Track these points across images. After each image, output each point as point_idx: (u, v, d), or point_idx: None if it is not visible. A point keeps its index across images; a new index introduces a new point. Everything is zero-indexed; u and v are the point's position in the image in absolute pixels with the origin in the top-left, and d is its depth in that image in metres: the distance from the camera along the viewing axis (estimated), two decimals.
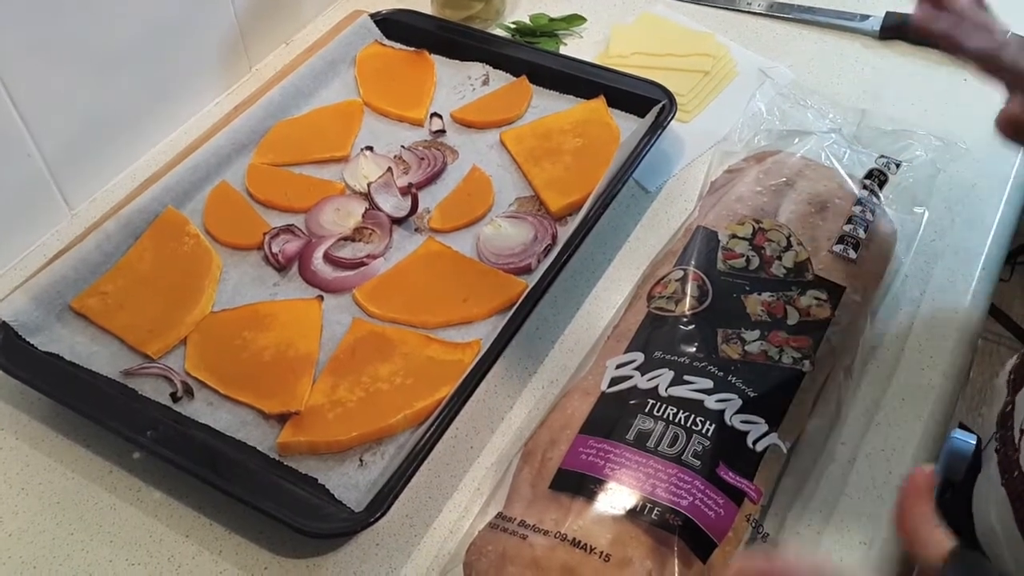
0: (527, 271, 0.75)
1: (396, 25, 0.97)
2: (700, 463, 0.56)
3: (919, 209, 0.76)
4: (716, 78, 0.93)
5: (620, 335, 0.66)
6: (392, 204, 0.80)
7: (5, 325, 0.69)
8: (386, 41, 0.96)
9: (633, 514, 0.54)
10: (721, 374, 0.61)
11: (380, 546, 0.61)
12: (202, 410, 0.67)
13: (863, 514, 0.61)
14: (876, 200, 0.73)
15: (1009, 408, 0.69)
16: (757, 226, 0.70)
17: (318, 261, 0.76)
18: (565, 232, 0.76)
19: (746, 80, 0.93)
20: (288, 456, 0.64)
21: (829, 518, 0.61)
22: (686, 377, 0.60)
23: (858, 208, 0.71)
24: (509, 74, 0.92)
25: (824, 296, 0.66)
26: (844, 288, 0.67)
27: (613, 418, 0.59)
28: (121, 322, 0.72)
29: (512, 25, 1.00)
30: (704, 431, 0.57)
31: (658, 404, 0.59)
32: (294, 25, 1.02)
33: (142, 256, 0.76)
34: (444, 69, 0.94)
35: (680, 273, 0.68)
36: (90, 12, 0.78)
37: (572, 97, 0.89)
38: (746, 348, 0.63)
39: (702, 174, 0.83)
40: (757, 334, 0.64)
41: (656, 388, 0.60)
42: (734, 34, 0.99)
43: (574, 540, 0.53)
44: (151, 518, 0.63)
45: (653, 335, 0.64)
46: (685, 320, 0.64)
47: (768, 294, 0.66)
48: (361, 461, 0.63)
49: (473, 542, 0.57)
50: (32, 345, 0.69)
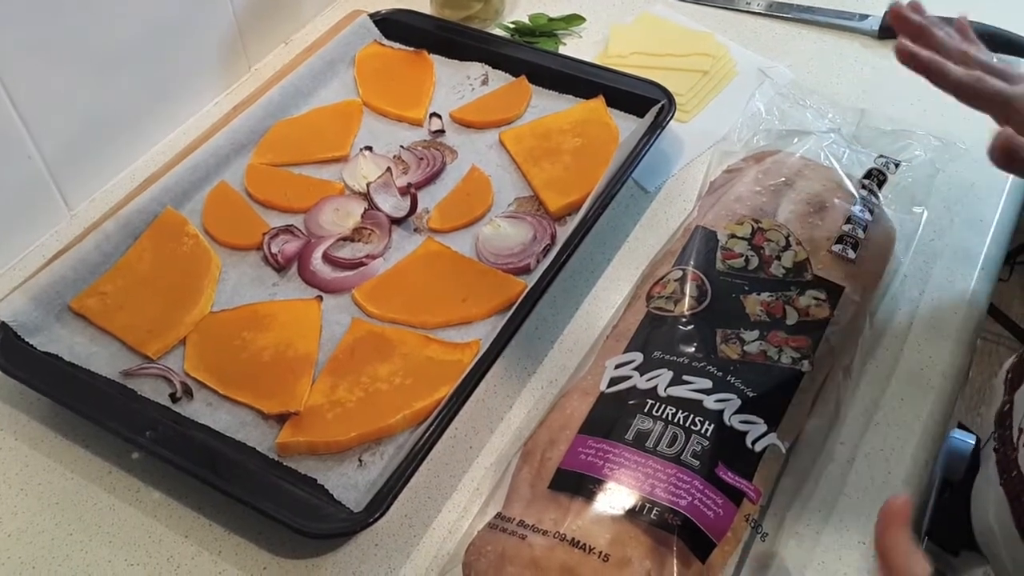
0: (526, 271, 0.75)
1: (395, 25, 0.97)
2: (699, 463, 0.56)
3: (918, 209, 0.76)
4: (715, 78, 0.93)
5: (619, 335, 0.66)
6: (391, 204, 0.80)
7: (4, 325, 0.69)
8: (385, 41, 0.96)
9: (632, 514, 0.54)
10: (720, 374, 0.61)
11: (379, 546, 0.61)
12: (201, 410, 0.67)
13: (862, 514, 0.61)
14: (875, 200, 0.73)
15: (1007, 407, 0.69)
16: (756, 226, 0.70)
17: (317, 261, 0.76)
18: (564, 232, 0.76)
19: (745, 80, 0.93)
20: (287, 456, 0.64)
21: (828, 518, 0.61)
22: (685, 377, 0.60)
23: (857, 208, 0.71)
24: (508, 74, 0.92)
25: (823, 296, 0.66)
26: (843, 288, 0.67)
27: (612, 418, 0.59)
28: (120, 322, 0.72)
29: (511, 25, 1.00)
30: (703, 431, 0.58)
31: (657, 404, 0.59)
32: (293, 25, 1.02)
33: (141, 256, 0.76)
34: (443, 69, 0.94)
35: (679, 273, 0.68)
36: (89, 12, 0.78)
37: (571, 97, 0.89)
38: (745, 348, 0.63)
39: (701, 174, 0.83)
40: (756, 334, 0.64)
41: (655, 388, 0.60)
42: (733, 34, 0.99)
43: (573, 540, 0.53)
44: (150, 518, 0.63)
45: (652, 335, 0.64)
46: (684, 320, 0.64)
47: (767, 294, 0.66)
48: (360, 461, 0.63)
49: (472, 542, 0.57)
50: (31, 345, 0.69)
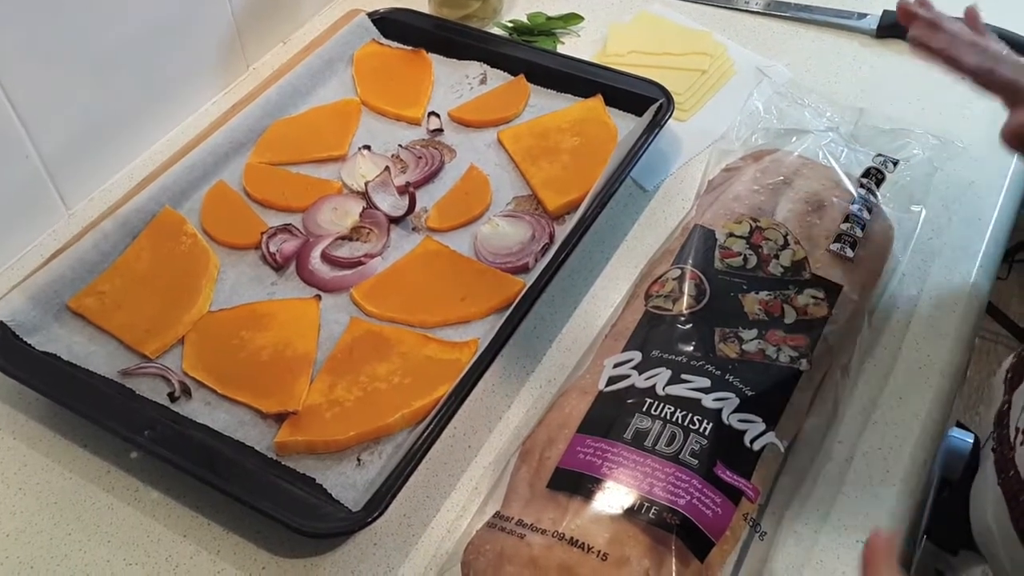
0: (524, 270, 0.75)
1: (393, 24, 0.97)
2: (698, 462, 0.56)
3: (916, 207, 0.76)
4: (713, 77, 0.93)
5: (618, 334, 0.66)
6: (390, 203, 0.80)
7: (2, 325, 0.69)
8: (383, 40, 0.96)
9: (631, 513, 0.54)
10: (719, 373, 0.61)
11: (378, 546, 0.61)
12: (200, 410, 0.67)
13: (860, 513, 0.61)
14: (873, 199, 0.73)
15: (1006, 407, 0.69)
16: (754, 225, 0.70)
17: (316, 260, 0.76)
18: (563, 231, 0.76)
19: (743, 79, 0.93)
20: (286, 456, 0.64)
21: (827, 517, 0.61)
22: (683, 376, 0.60)
23: (855, 207, 0.71)
24: (507, 73, 0.92)
25: (821, 295, 0.66)
26: (841, 287, 0.67)
27: (611, 417, 0.59)
28: (118, 322, 0.72)
29: (509, 24, 1.00)
30: (702, 430, 0.57)
31: (656, 403, 0.59)
32: (291, 24, 1.02)
33: (139, 256, 0.76)
34: (441, 68, 0.94)
35: (678, 272, 0.68)
36: (88, 12, 0.78)
37: (570, 96, 0.89)
38: (743, 347, 0.63)
39: (699, 173, 0.83)
40: (754, 333, 0.64)
41: (654, 387, 0.60)
42: (731, 33, 0.99)
43: (572, 539, 0.53)
44: (149, 518, 0.63)
45: (651, 334, 0.64)
46: (683, 319, 0.64)
47: (765, 293, 0.66)
48: (359, 460, 0.63)
49: (471, 541, 0.57)
50: (29, 345, 0.69)
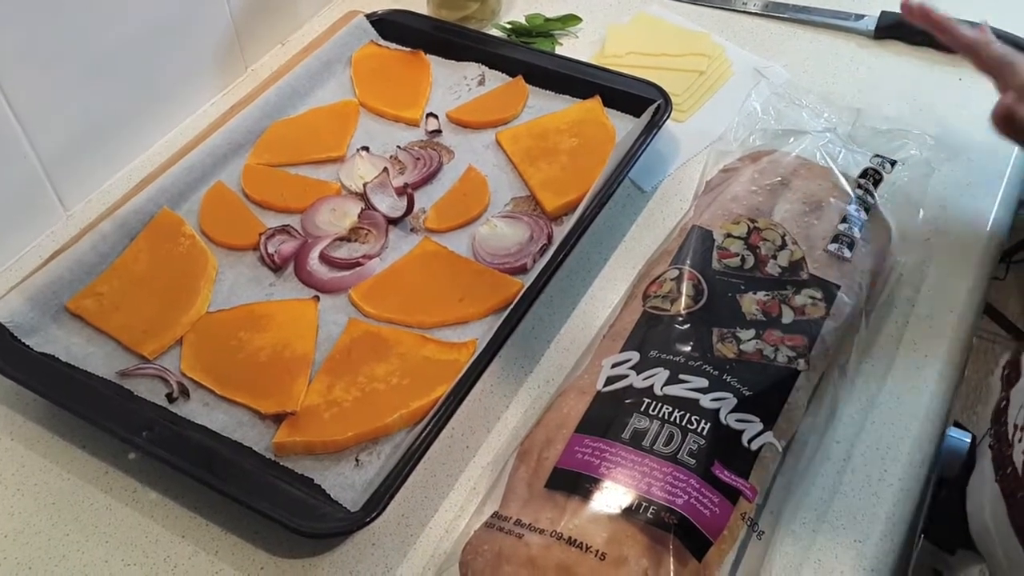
0: (523, 271, 0.75)
1: (392, 25, 0.97)
2: (695, 462, 0.56)
3: (914, 208, 0.76)
4: (711, 78, 0.93)
5: (616, 334, 0.66)
6: (388, 204, 0.80)
7: (1, 326, 0.69)
8: (382, 41, 0.96)
9: (629, 513, 0.54)
10: (716, 373, 0.61)
11: (376, 546, 0.61)
12: (198, 411, 0.67)
13: (858, 512, 0.61)
14: (871, 199, 0.73)
15: (1003, 404, 0.69)
16: (752, 225, 0.70)
17: (314, 261, 0.76)
18: (561, 232, 0.76)
19: (741, 80, 0.93)
20: (284, 456, 0.64)
21: (824, 516, 0.61)
22: (681, 376, 0.61)
23: (853, 207, 0.71)
24: (505, 74, 0.92)
25: (819, 295, 0.66)
26: (839, 287, 0.67)
27: (609, 417, 0.59)
28: (117, 323, 0.72)
29: (508, 25, 1.00)
30: (699, 430, 0.58)
31: (654, 403, 0.59)
32: (290, 25, 1.02)
33: (138, 257, 0.76)
34: (440, 69, 0.94)
35: (676, 272, 0.68)
36: (86, 13, 0.78)
37: (568, 97, 0.89)
38: (741, 347, 0.63)
39: (697, 173, 0.83)
40: (752, 333, 0.64)
41: (652, 387, 0.60)
42: (729, 34, 0.99)
43: (570, 539, 0.53)
44: (147, 519, 0.63)
45: (649, 334, 0.64)
46: (680, 319, 0.65)
47: (763, 293, 0.66)
48: (357, 461, 0.63)
49: (469, 541, 0.57)
50: (28, 346, 0.69)
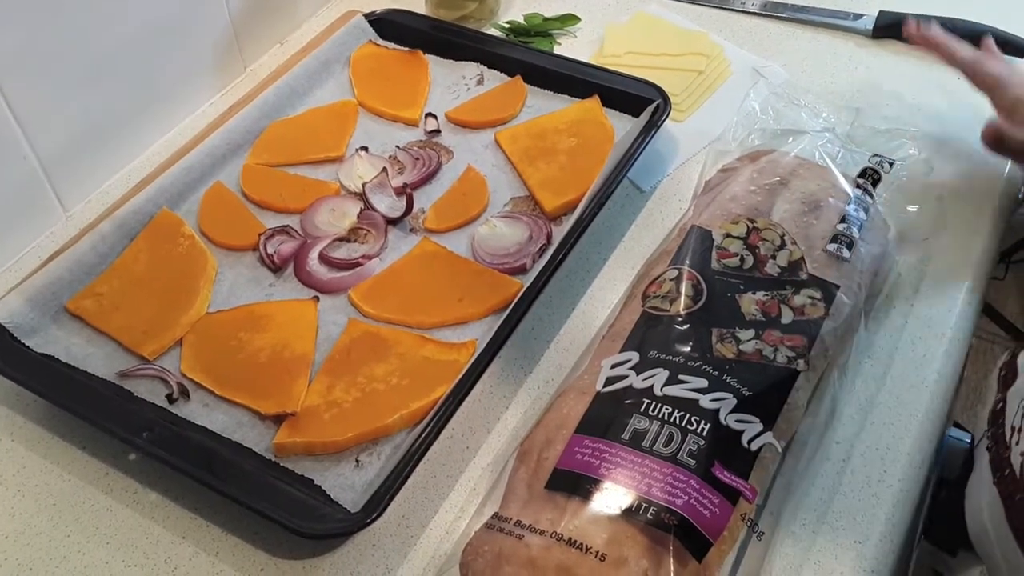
0: (522, 271, 0.75)
1: (390, 25, 0.97)
2: (695, 462, 0.56)
3: (912, 208, 0.76)
4: (710, 77, 0.93)
5: (615, 335, 0.66)
6: (387, 204, 0.80)
7: (1, 327, 0.69)
8: (380, 41, 0.96)
9: (629, 513, 0.54)
10: (716, 373, 0.61)
11: (376, 547, 0.61)
12: (198, 411, 0.67)
13: (858, 512, 0.61)
14: (870, 199, 0.73)
15: (1000, 405, 0.69)
16: (751, 225, 0.70)
17: (313, 262, 0.76)
18: (560, 232, 0.76)
19: (740, 79, 0.93)
20: (284, 457, 0.64)
21: (824, 517, 0.61)
22: (681, 376, 0.61)
23: (851, 207, 0.71)
24: (503, 74, 0.92)
25: (818, 295, 0.66)
26: (838, 287, 0.67)
27: (608, 418, 0.59)
28: (117, 323, 0.72)
29: (506, 25, 1.00)
30: (699, 430, 0.58)
31: (653, 403, 0.59)
32: (288, 25, 1.02)
33: (137, 257, 0.76)
34: (438, 69, 0.94)
35: (675, 272, 0.68)
36: (86, 14, 0.78)
37: (566, 97, 0.89)
38: (741, 347, 0.63)
39: (696, 173, 0.83)
40: (751, 333, 0.64)
41: (651, 387, 0.60)
42: (728, 33, 0.99)
43: (570, 540, 0.53)
44: (147, 520, 0.63)
45: (648, 335, 0.64)
46: (680, 319, 0.65)
47: (762, 293, 0.66)
48: (357, 462, 0.63)
49: (469, 542, 0.57)
50: (27, 347, 0.69)
